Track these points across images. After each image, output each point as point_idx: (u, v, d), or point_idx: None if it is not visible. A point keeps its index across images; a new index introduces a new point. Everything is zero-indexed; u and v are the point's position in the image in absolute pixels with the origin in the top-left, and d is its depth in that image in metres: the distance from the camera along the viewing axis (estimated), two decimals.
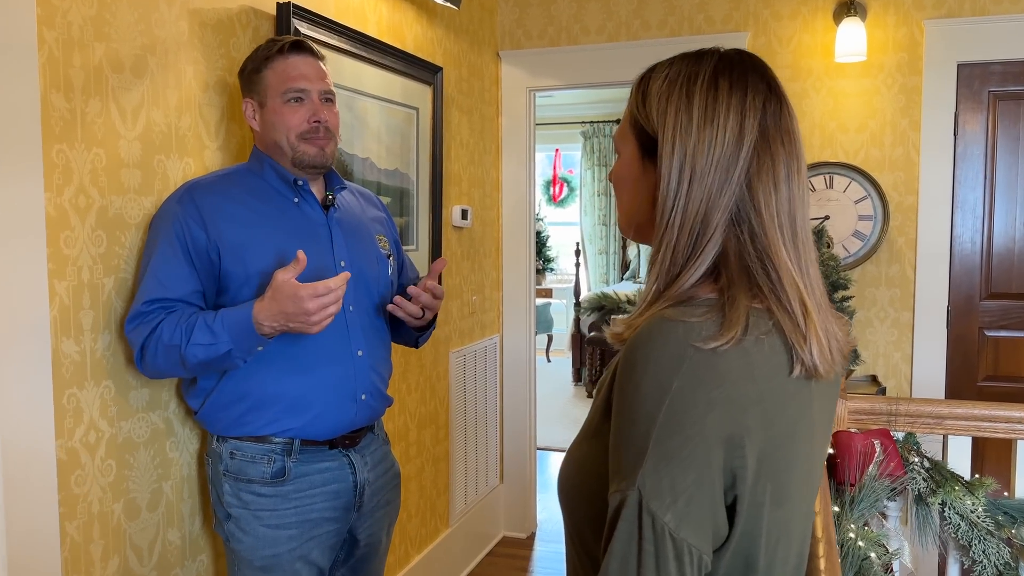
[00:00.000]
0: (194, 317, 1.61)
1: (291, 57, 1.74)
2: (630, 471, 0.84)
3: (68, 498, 1.61)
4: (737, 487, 0.85)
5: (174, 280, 1.65)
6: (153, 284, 1.64)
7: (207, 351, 1.58)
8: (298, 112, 1.73)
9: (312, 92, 1.74)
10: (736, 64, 0.95)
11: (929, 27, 3.17)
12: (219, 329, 1.58)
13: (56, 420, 1.58)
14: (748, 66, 0.96)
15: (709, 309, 0.88)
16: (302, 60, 1.75)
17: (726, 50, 0.98)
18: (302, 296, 1.53)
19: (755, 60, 0.98)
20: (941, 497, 1.74)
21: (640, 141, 0.98)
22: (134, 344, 1.64)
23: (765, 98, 0.94)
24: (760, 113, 0.92)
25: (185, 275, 1.66)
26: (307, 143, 1.73)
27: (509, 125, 3.77)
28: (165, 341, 1.60)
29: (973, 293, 3.24)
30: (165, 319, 1.62)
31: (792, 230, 0.93)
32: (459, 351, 3.38)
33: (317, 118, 1.73)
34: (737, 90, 0.93)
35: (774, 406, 0.87)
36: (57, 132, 1.56)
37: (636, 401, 0.85)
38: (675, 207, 0.92)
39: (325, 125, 1.75)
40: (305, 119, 1.73)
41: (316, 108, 1.74)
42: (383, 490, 1.88)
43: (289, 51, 1.74)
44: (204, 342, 1.58)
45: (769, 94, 0.94)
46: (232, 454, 1.72)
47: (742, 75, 0.94)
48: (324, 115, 1.74)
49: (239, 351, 1.60)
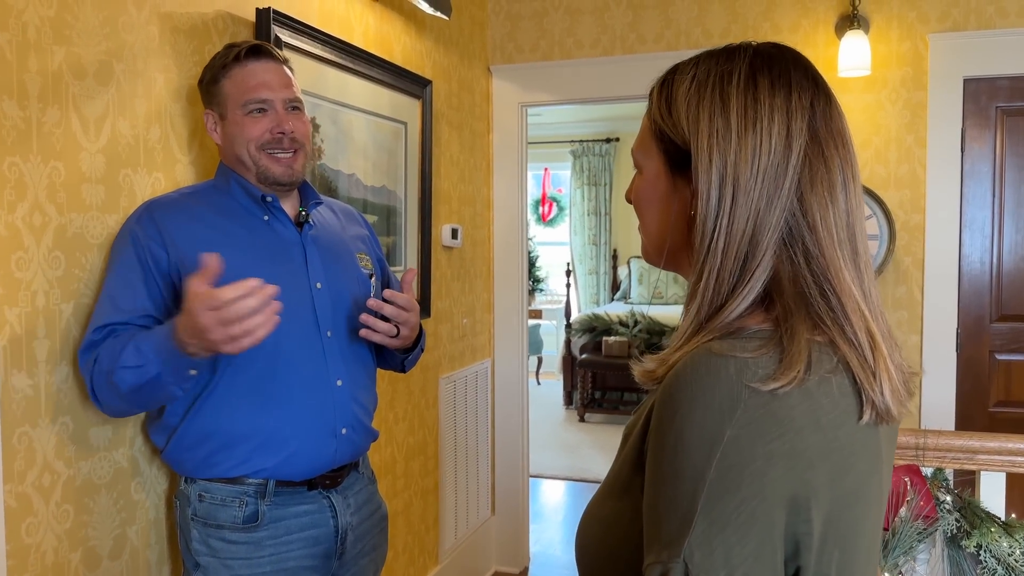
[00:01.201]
0: (127, 337, 1.42)
1: (250, 64, 1.59)
2: (674, 539, 0.70)
3: (18, 549, 1.44)
4: (801, 557, 0.72)
5: (132, 304, 1.49)
6: (108, 309, 1.48)
7: (136, 375, 1.37)
8: (260, 123, 1.59)
9: (275, 101, 1.60)
10: (775, 59, 0.82)
11: (934, 41, 3.07)
12: (146, 348, 1.37)
13: (4, 463, 1.41)
14: (789, 60, 0.83)
15: (764, 342, 0.74)
16: (262, 67, 1.60)
17: (760, 43, 0.85)
18: (194, 309, 1.27)
19: (795, 54, 0.85)
20: (977, 539, 1.60)
21: (667, 154, 0.85)
22: (86, 379, 1.48)
23: (813, 96, 0.81)
24: (808, 113, 0.79)
25: (144, 299, 1.50)
26: (270, 159, 1.59)
27: (500, 141, 3.64)
28: (103, 367, 1.41)
29: (983, 315, 3.12)
30: (104, 344, 1.45)
31: (852, 247, 0.80)
32: (449, 376, 3.23)
33: (281, 128, 1.59)
34: (780, 88, 0.80)
35: (843, 459, 0.74)
36: (9, 143, 1.42)
37: (679, 453, 0.71)
38: (717, 227, 0.79)
39: (291, 136, 1.60)
40: (267, 130, 1.58)
41: (280, 118, 1.59)
42: (368, 535, 1.72)
43: (247, 57, 1.60)
44: (132, 364, 1.37)
45: (816, 91, 0.81)
46: (201, 496, 1.56)
47: (783, 71, 0.81)
48: (289, 125, 1.60)
49: (168, 375, 1.37)
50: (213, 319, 1.27)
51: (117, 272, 1.51)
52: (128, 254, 1.52)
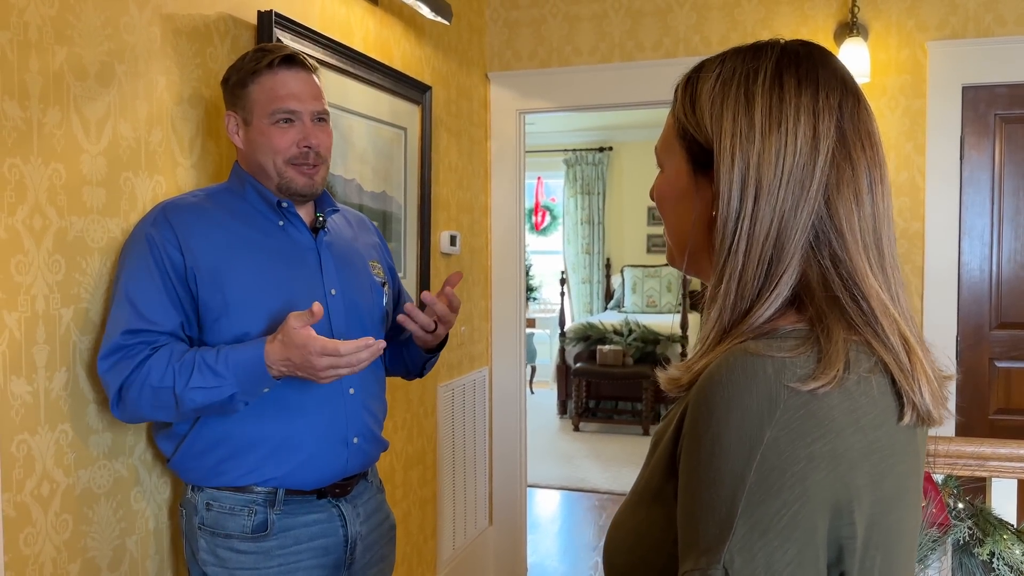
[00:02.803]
0: (190, 356, 1.44)
1: (281, 72, 1.57)
2: (712, 545, 0.68)
3: (16, 560, 1.40)
4: (844, 561, 0.70)
5: (156, 310, 1.46)
6: (131, 313, 1.45)
7: (208, 395, 1.42)
8: (287, 134, 1.56)
9: (304, 113, 1.57)
10: (803, 58, 0.81)
11: (933, 49, 3.08)
12: (223, 370, 1.42)
13: (3, 471, 1.38)
14: (817, 59, 0.81)
15: (801, 342, 0.72)
16: (293, 76, 1.58)
17: (788, 41, 0.84)
18: (311, 352, 1.40)
19: (824, 52, 0.83)
20: (990, 547, 1.59)
21: (690, 152, 0.83)
22: (110, 384, 1.45)
23: (841, 96, 0.79)
24: (836, 113, 0.78)
25: (167, 305, 1.48)
26: (295, 170, 1.57)
27: (498, 148, 3.63)
28: (154, 383, 1.42)
29: (982, 323, 3.12)
30: (152, 356, 1.44)
31: (879, 251, 0.78)
32: (447, 385, 3.20)
33: (308, 143, 1.57)
34: (807, 88, 0.78)
35: (883, 460, 0.72)
36: (10, 144, 1.39)
37: (717, 456, 0.69)
38: (738, 229, 0.77)
39: (316, 150, 1.58)
40: (294, 142, 1.56)
41: (307, 131, 1.57)
42: (376, 544, 1.69)
43: (279, 65, 1.57)
44: (206, 385, 1.41)
45: (845, 91, 0.80)
46: (208, 505, 1.53)
47: (811, 70, 0.79)
48: (315, 139, 1.58)
49: (244, 394, 1.44)
50: (328, 363, 1.41)
51: (135, 275, 1.48)
52: (145, 257, 1.48)
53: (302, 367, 1.41)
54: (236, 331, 1.50)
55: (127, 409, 1.46)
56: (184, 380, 1.41)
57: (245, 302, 1.50)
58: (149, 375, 1.42)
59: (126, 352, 1.44)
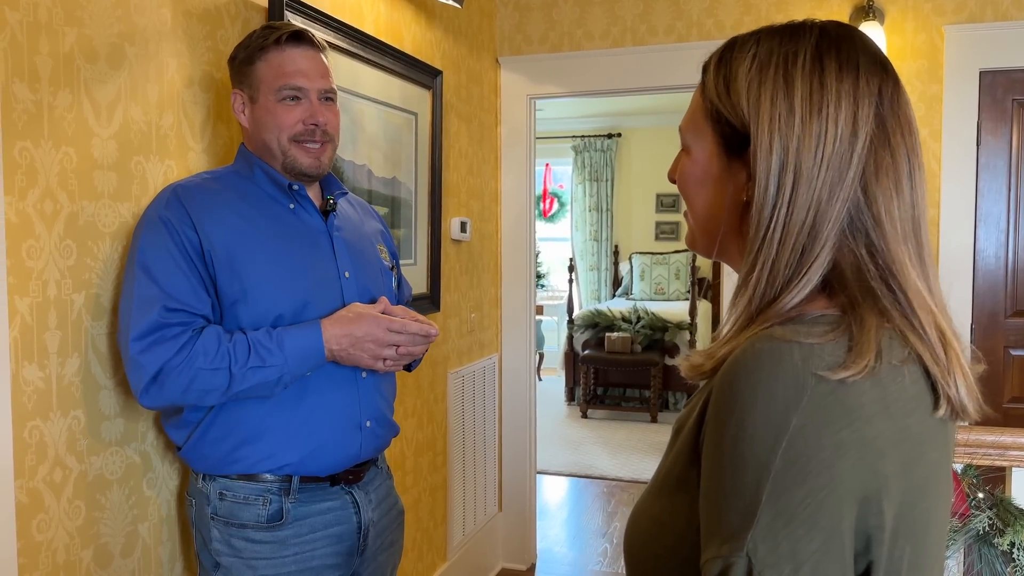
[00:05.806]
0: (241, 337, 1.44)
1: (288, 49, 1.55)
2: (735, 532, 0.66)
3: (29, 546, 1.40)
4: (872, 551, 0.68)
5: (186, 292, 1.43)
6: (159, 293, 1.41)
7: (264, 375, 1.43)
8: (293, 112, 1.54)
9: (311, 91, 1.55)
10: (843, 40, 0.78)
11: (949, 33, 3.03)
12: (277, 351, 1.44)
13: (16, 457, 1.37)
14: (856, 43, 0.79)
15: (832, 327, 0.71)
16: (301, 53, 1.55)
17: (825, 22, 0.81)
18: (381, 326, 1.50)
19: (862, 35, 0.80)
20: (1010, 537, 1.57)
21: (723, 135, 0.81)
22: (146, 367, 1.39)
23: (881, 81, 0.77)
24: (876, 99, 0.76)
25: (197, 288, 1.45)
26: (300, 149, 1.54)
27: (508, 134, 3.60)
28: (204, 365, 1.40)
29: (997, 311, 3.09)
30: (199, 339, 1.41)
31: (917, 241, 0.77)
32: (457, 372, 3.19)
33: (315, 120, 1.54)
34: (848, 72, 0.76)
35: (913, 449, 0.70)
36: (20, 127, 1.37)
37: (741, 442, 0.67)
38: (775, 217, 0.75)
39: (323, 128, 1.56)
40: (300, 120, 1.54)
41: (314, 109, 1.55)
42: (387, 530, 1.68)
43: (287, 42, 1.55)
44: (263, 365, 1.43)
45: (885, 76, 0.77)
46: (222, 495, 1.51)
47: (851, 54, 0.77)
48: (322, 117, 1.56)
49: (290, 375, 1.46)
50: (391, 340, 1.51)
51: (155, 256, 1.43)
52: (164, 238, 1.45)
53: (361, 342, 1.48)
54: (253, 316, 1.48)
55: (162, 394, 1.41)
56: (242, 361, 1.41)
57: (264, 288, 1.48)
58: (196, 357, 1.39)
59: (165, 332, 1.40)
